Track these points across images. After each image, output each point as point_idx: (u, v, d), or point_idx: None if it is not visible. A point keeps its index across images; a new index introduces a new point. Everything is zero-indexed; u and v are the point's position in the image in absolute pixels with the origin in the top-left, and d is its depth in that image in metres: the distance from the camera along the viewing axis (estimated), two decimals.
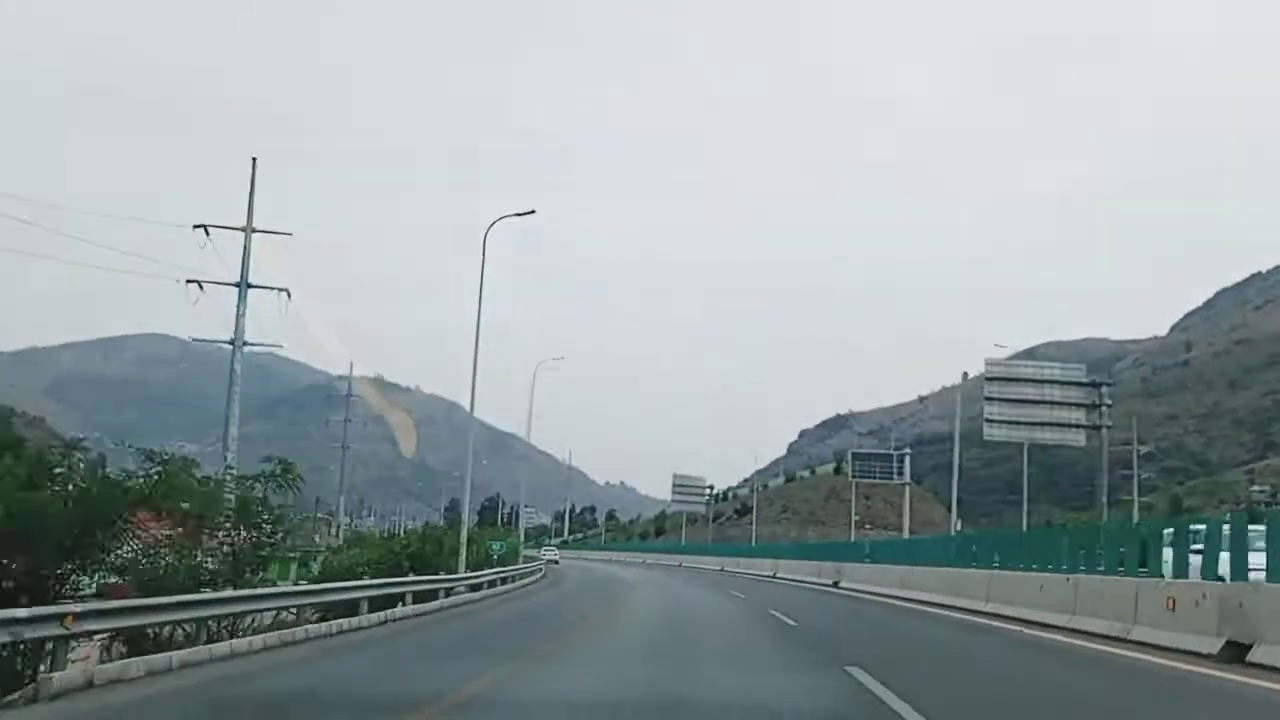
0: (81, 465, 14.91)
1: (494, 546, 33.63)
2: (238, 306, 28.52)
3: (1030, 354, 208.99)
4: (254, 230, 28.45)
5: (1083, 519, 52.38)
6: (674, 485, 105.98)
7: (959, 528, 52.43)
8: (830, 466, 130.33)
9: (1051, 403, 44.69)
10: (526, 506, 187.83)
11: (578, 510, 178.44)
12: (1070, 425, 44.48)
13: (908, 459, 71.86)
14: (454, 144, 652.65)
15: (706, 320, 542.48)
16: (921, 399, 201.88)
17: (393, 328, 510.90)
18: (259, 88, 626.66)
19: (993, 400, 45.02)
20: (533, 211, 27.96)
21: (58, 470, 13.05)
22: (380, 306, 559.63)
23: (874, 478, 75.41)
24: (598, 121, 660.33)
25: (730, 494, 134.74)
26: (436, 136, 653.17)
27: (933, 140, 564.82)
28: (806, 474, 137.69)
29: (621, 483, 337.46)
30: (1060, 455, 77.07)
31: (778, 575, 42.88)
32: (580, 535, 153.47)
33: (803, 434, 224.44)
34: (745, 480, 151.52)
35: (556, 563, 67.68)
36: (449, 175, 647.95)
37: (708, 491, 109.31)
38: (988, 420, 45.17)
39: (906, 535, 61.29)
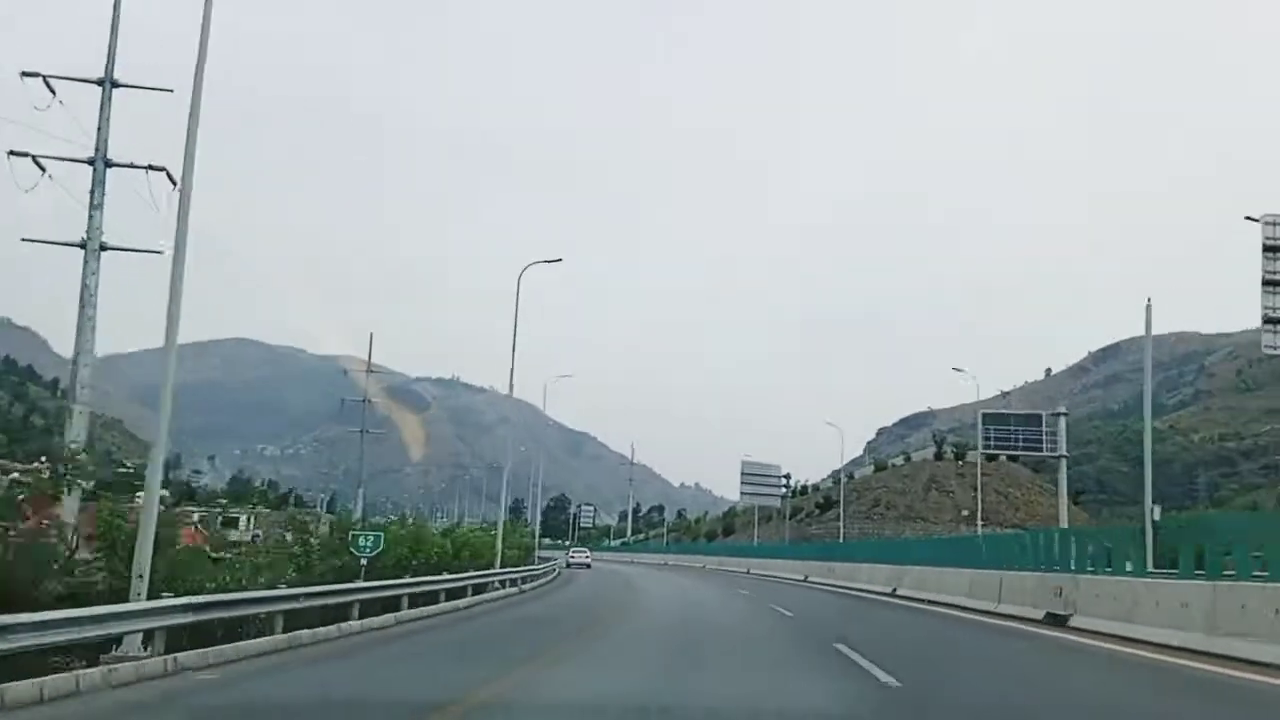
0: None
1: (361, 543, 20.23)
2: (91, 193, 19.57)
3: (1115, 349, 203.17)
4: (115, 84, 19.79)
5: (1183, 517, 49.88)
6: (743, 475, 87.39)
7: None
8: (928, 451, 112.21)
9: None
10: (586, 505, 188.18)
11: (644, 510, 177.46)
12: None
13: (1064, 423, 53.48)
14: (533, 146, 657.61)
15: (783, 322, 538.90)
16: (1004, 394, 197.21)
17: (468, 331, 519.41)
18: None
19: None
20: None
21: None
22: (456, 311, 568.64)
23: (1014, 447, 56.59)
24: (663, 123, 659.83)
25: (809, 487, 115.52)
26: (516, 139, 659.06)
27: (1007, 133, 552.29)
28: (900, 460, 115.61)
29: (696, 484, 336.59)
30: (1158, 452, 74.37)
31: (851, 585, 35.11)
32: (643, 536, 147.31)
33: (880, 432, 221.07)
34: (824, 479, 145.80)
35: (588, 565, 61.23)
36: (527, 181, 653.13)
37: (783, 482, 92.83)
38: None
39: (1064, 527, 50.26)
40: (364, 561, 19.76)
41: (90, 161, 19.59)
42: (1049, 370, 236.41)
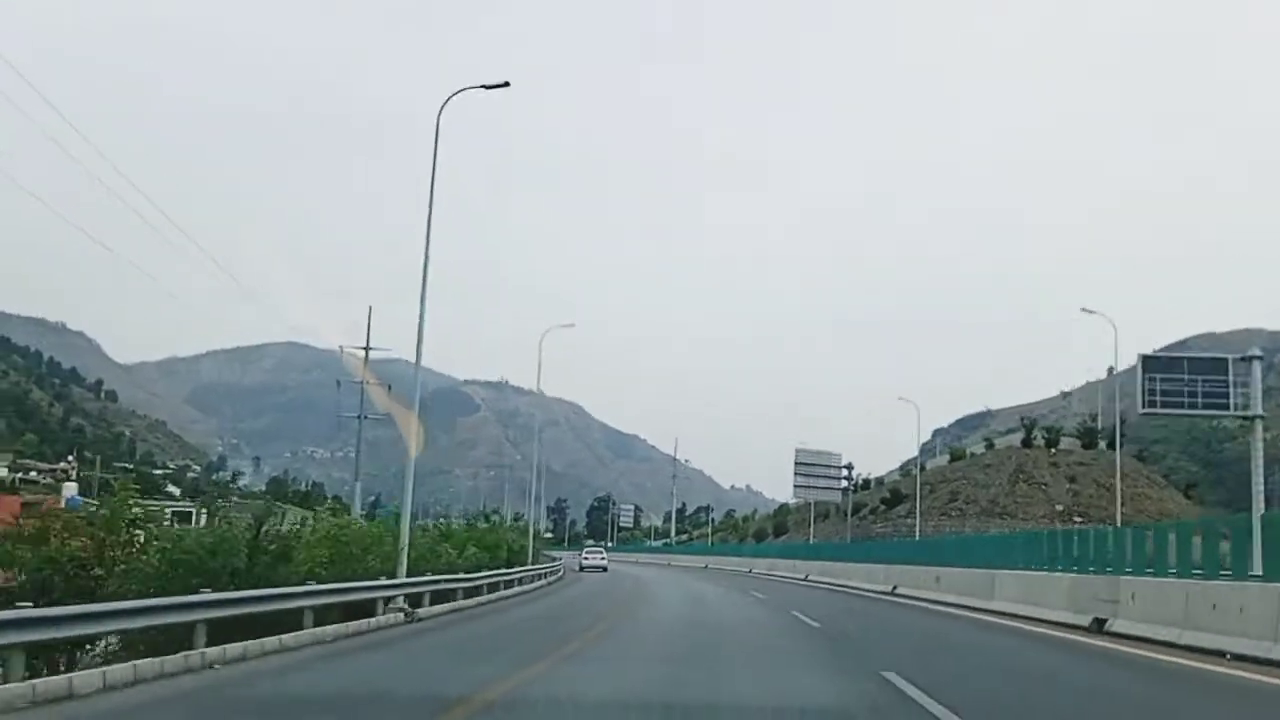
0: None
1: None
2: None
3: (1181, 345, 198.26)
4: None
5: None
6: (797, 465, 75.94)
7: None
8: (1013, 437, 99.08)
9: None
10: (625, 505, 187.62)
11: (690, 510, 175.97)
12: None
13: (1258, 370, 41.99)
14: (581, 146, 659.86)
15: (832, 323, 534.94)
16: (1064, 394, 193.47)
17: (516, 333, 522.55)
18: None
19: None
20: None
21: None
22: (502, 312, 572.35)
23: (1189, 403, 42.43)
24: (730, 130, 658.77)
25: (871, 481, 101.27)
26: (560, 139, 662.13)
27: (1064, 132, 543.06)
28: (980, 448, 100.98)
29: (747, 486, 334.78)
30: (1228, 451, 72.08)
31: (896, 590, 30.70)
32: (686, 536, 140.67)
33: (937, 433, 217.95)
34: (890, 472, 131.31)
35: (603, 569, 54.59)
36: (572, 185, 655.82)
37: (844, 473, 79.81)
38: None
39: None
40: None
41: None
42: (1111, 369, 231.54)
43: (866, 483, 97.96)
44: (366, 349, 45.35)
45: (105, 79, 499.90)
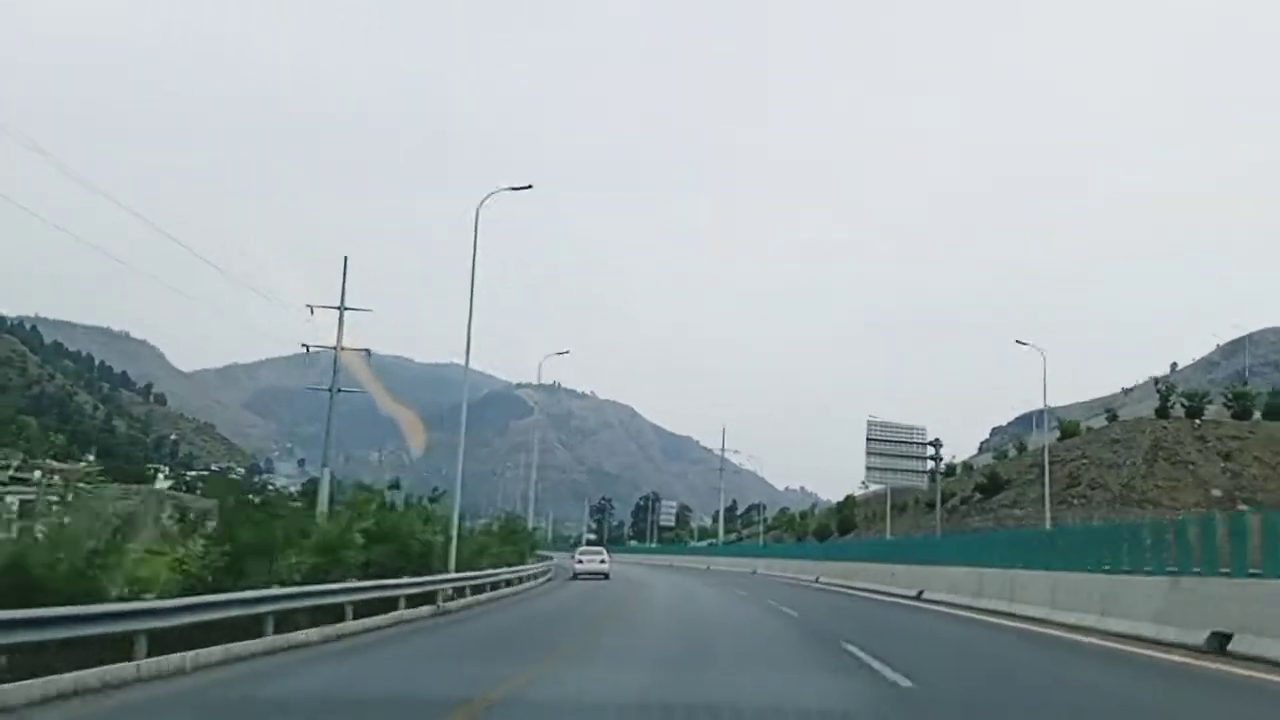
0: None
1: None
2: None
3: (1245, 342, 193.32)
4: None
5: None
6: (869, 444, 57.95)
7: None
8: (1143, 406, 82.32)
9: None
10: (666, 501, 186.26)
11: (742, 509, 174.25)
12: None
13: None
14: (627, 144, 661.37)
15: (887, 323, 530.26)
16: (1126, 391, 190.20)
17: (570, 337, 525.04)
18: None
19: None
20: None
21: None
22: (557, 316, 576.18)
23: None
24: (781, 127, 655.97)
25: (956, 466, 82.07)
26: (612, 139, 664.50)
27: (1133, 128, 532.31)
28: (1101, 421, 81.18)
29: (802, 487, 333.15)
30: None
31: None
32: (734, 536, 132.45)
33: (995, 431, 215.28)
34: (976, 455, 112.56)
35: (604, 576, 42.15)
36: (627, 182, 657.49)
37: (930, 451, 60.30)
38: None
39: None
40: None
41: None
42: (1174, 365, 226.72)
43: (951, 469, 79.20)
44: (341, 310, 36.58)
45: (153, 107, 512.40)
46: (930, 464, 61.40)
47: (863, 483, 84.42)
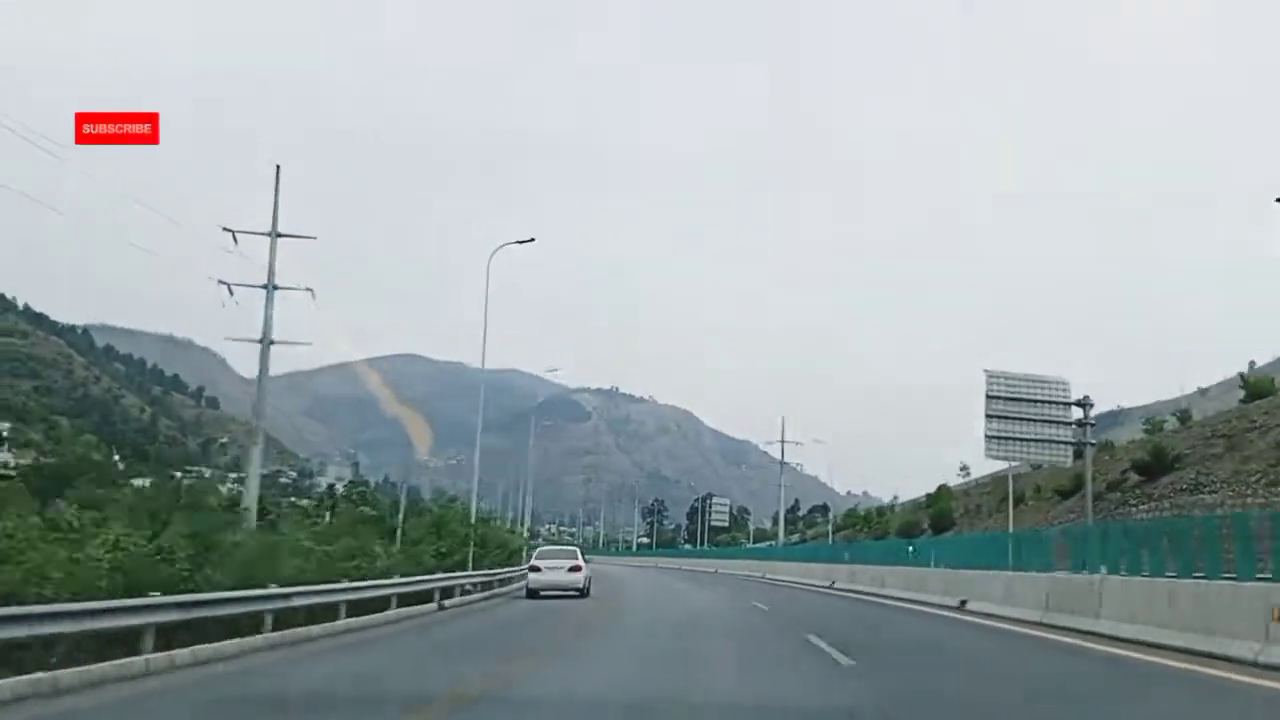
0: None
1: None
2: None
3: None
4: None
5: None
6: (989, 404, 37.42)
7: None
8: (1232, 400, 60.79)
9: None
10: (718, 499, 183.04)
11: (804, 511, 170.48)
12: None
13: None
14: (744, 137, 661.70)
15: (957, 323, 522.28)
16: (1202, 391, 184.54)
17: (628, 340, 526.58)
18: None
19: None
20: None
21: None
22: (613, 320, 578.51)
23: None
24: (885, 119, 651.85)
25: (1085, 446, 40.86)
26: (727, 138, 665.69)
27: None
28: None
29: (865, 492, 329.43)
30: None
31: None
32: (799, 537, 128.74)
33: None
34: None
35: (577, 593, 28.45)
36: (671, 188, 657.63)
37: (1077, 410, 38.16)
38: None
39: None
40: None
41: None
42: (1252, 363, 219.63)
43: (1108, 443, 59.99)
44: (274, 236, 28.84)
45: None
46: (1075, 427, 38.77)
47: (962, 469, 79.83)
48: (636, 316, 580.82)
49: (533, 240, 36.49)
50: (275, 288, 29.08)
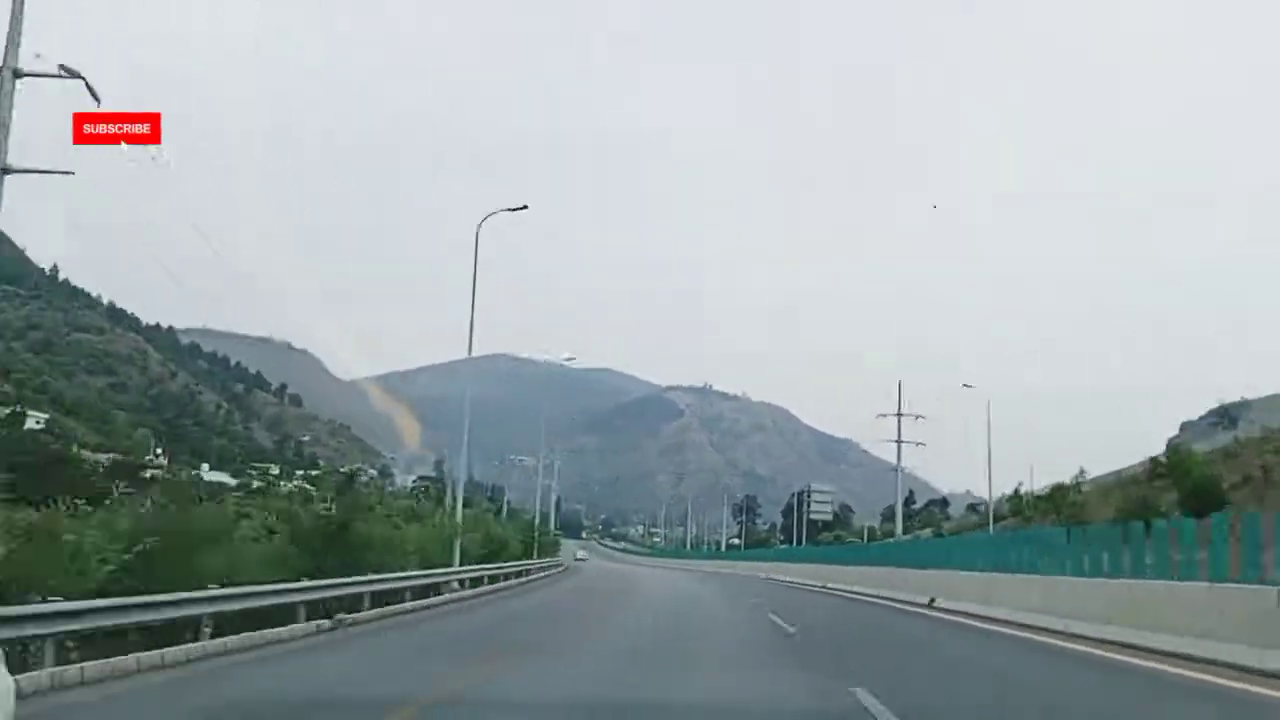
0: None
1: None
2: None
3: None
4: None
5: None
6: None
7: None
8: None
9: None
10: (817, 488, 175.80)
11: (919, 503, 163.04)
12: None
13: None
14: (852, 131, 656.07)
15: (1070, 319, 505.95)
16: None
17: (723, 337, 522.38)
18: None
19: None
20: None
21: None
22: (706, 317, 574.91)
23: None
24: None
25: None
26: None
27: None
28: None
29: (968, 491, 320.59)
30: None
31: None
32: (928, 531, 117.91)
33: (1184, 427, 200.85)
34: None
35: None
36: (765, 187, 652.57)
37: None
38: None
39: None
40: None
41: None
42: None
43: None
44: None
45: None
46: None
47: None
48: (731, 314, 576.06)
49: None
50: (20, 75, 15.75)
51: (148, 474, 44.24)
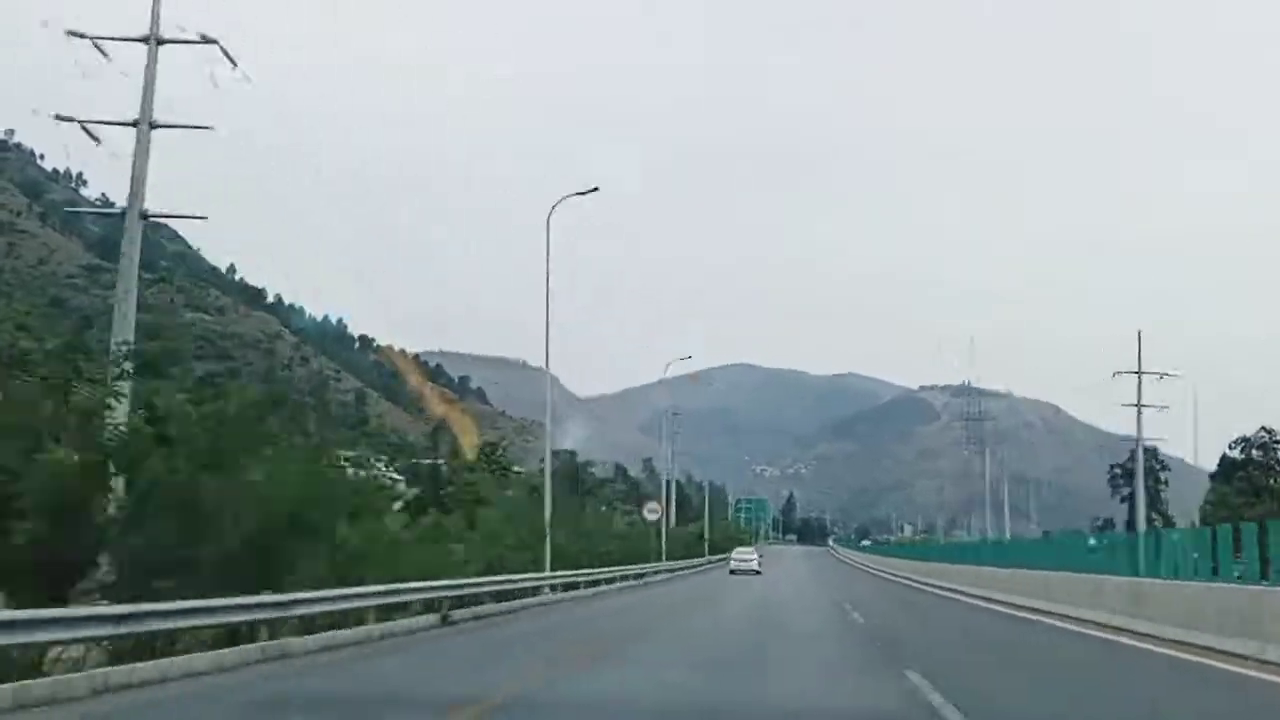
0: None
1: None
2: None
3: None
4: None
5: None
6: None
7: None
8: None
9: None
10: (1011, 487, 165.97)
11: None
12: None
13: None
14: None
15: None
16: None
17: (984, 330, 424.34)
18: None
19: None
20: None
21: None
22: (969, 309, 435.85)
23: None
24: None
25: None
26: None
27: None
28: None
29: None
30: None
31: None
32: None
33: None
34: None
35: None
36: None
37: None
38: None
39: None
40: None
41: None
42: None
43: None
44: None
45: None
46: None
47: None
48: (986, 310, 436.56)
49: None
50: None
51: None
